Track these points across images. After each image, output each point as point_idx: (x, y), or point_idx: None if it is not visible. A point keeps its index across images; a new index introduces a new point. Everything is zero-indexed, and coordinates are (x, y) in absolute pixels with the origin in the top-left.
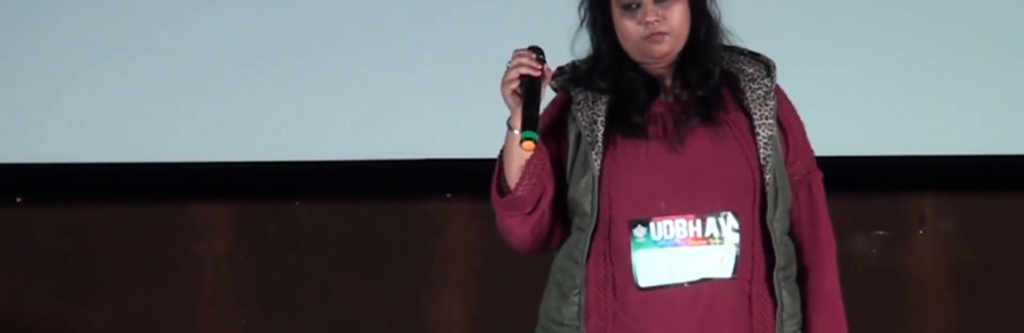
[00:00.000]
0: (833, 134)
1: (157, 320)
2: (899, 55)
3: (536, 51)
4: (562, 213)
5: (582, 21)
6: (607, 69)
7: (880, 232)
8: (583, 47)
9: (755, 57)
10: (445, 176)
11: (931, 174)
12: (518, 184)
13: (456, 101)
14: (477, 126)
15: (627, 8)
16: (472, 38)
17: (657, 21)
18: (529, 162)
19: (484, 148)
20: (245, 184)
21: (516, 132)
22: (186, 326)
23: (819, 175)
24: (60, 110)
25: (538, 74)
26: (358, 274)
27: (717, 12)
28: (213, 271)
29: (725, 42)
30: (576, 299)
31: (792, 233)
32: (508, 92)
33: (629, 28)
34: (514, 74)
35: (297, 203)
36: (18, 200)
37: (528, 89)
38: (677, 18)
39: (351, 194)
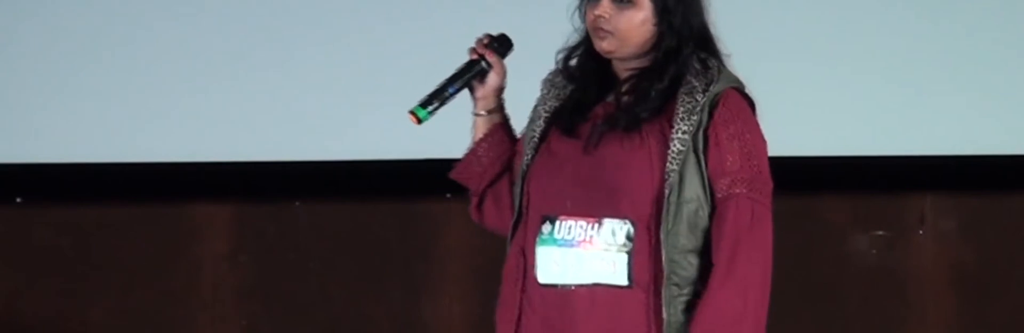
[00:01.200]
0: (833, 134)
1: (157, 320)
2: (899, 55)
3: (497, 39)
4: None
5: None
6: (579, 56)
7: (880, 232)
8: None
9: (708, 71)
10: (445, 176)
11: (931, 174)
12: (462, 162)
13: (456, 101)
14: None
15: (588, 1)
16: (473, 38)
17: (602, 17)
18: (478, 145)
19: None
20: (245, 184)
21: (478, 114)
22: (186, 326)
23: (746, 197)
24: (60, 110)
25: (473, 57)
26: (358, 274)
27: (697, 25)
28: (213, 271)
29: (703, 55)
30: (500, 289)
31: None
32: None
33: (587, 19)
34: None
35: (297, 203)
36: (18, 200)
37: (461, 68)
38: (628, 22)
39: (351, 194)
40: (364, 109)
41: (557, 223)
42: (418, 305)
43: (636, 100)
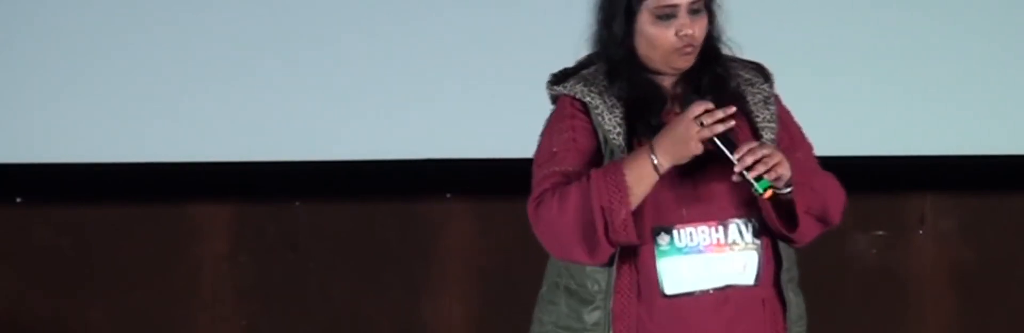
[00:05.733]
0: (833, 134)
1: (157, 320)
2: (899, 55)
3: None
4: None
5: (601, 21)
6: (622, 75)
7: (880, 232)
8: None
9: (747, 64)
10: (445, 176)
11: (931, 174)
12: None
13: (456, 101)
14: (477, 126)
15: (662, 17)
16: (473, 38)
17: (691, 35)
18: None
19: (484, 148)
20: (245, 184)
21: (656, 162)
22: (186, 326)
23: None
24: (60, 110)
25: (710, 135)
26: (358, 274)
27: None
28: (213, 271)
29: (727, 51)
30: (602, 304)
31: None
32: (695, 145)
33: (662, 37)
34: (709, 134)
35: (297, 203)
36: (18, 200)
37: (728, 141)
38: (705, 30)
39: (351, 194)
40: (364, 109)
41: (675, 232)
42: (418, 305)
43: (711, 90)
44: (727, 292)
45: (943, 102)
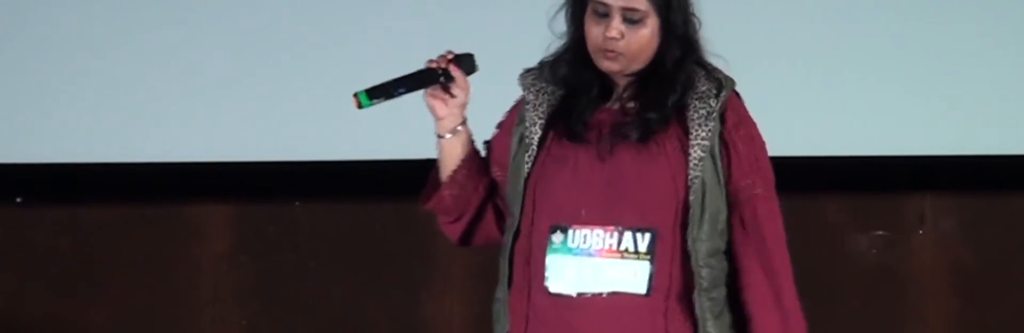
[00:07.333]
0: (833, 134)
1: (157, 320)
2: (899, 55)
3: (463, 57)
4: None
5: (563, 7)
6: (570, 61)
7: (880, 232)
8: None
9: (711, 74)
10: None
11: (931, 174)
12: (440, 193)
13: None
14: (476, 126)
15: (597, 14)
16: (471, 38)
17: (615, 39)
18: (457, 173)
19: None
20: (245, 184)
21: (444, 136)
22: (186, 326)
23: (765, 198)
24: (60, 110)
25: (432, 66)
26: (358, 274)
27: (694, 30)
28: (213, 271)
29: (698, 59)
30: (501, 296)
31: (731, 254)
32: (429, 102)
33: (591, 34)
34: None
35: (297, 203)
36: (18, 200)
37: (416, 73)
38: (640, 42)
39: (351, 194)
40: (364, 109)
41: (570, 232)
42: (418, 305)
43: (645, 108)
44: (614, 299)
45: (943, 102)
